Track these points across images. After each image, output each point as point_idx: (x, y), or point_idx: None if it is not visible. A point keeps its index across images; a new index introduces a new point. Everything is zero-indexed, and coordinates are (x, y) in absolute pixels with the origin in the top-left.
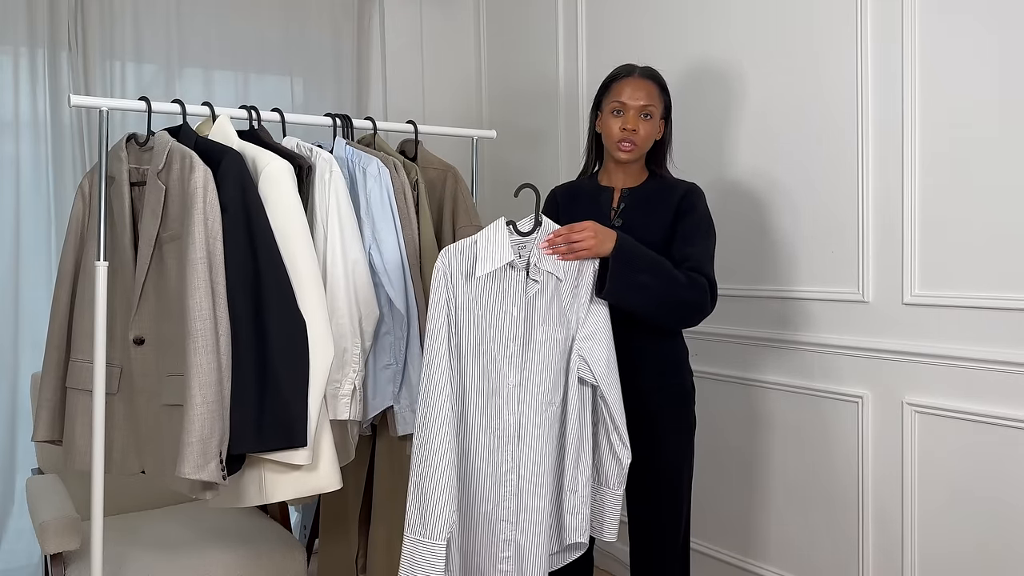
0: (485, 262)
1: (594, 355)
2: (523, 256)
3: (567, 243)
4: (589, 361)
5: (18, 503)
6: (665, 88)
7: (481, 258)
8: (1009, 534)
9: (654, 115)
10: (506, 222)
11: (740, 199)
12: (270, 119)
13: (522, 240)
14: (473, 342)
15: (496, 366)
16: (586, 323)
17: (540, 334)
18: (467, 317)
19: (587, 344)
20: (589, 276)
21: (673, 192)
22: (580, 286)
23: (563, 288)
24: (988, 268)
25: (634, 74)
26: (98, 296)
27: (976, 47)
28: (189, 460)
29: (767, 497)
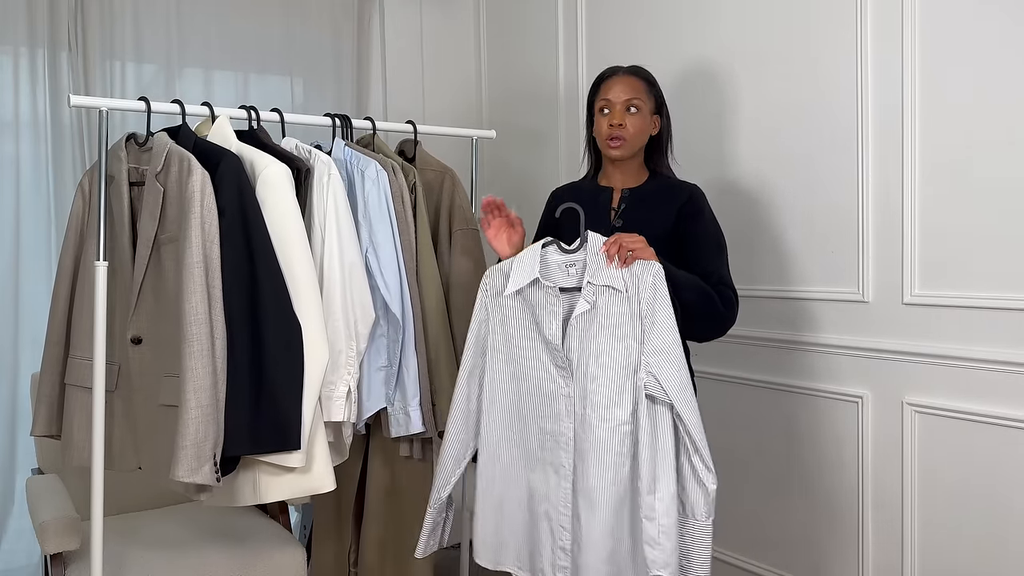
0: (514, 281)
1: (663, 371)
2: (573, 273)
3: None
4: (659, 377)
5: (18, 503)
6: (653, 83)
7: (513, 277)
8: (1009, 534)
9: (641, 108)
10: (550, 242)
11: (740, 199)
12: (269, 119)
13: (570, 258)
14: (522, 357)
15: (550, 378)
16: (652, 337)
17: (596, 348)
18: (510, 332)
19: (656, 359)
20: (650, 287)
21: (675, 193)
22: (641, 298)
23: (623, 300)
24: (988, 268)
25: (619, 72)
26: (98, 296)
27: (976, 47)
28: (183, 463)
29: (767, 497)
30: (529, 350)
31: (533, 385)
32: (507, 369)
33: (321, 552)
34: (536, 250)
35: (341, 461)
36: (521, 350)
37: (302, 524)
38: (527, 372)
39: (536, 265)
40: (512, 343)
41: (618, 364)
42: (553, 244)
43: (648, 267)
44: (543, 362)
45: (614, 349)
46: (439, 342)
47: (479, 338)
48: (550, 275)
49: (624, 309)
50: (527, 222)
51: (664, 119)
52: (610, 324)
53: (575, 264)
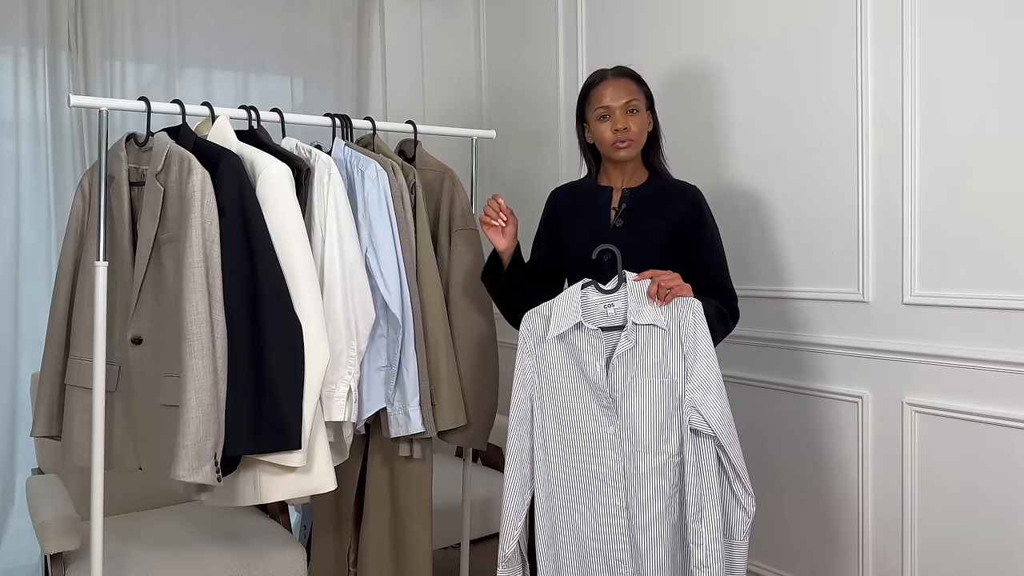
0: (556, 325)
1: (706, 405)
2: (612, 313)
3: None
4: (702, 411)
5: (18, 503)
6: (642, 81)
7: (554, 321)
8: (1009, 534)
9: (640, 108)
10: (588, 283)
11: (740, 199)
12: (269, 119)
13: (609, 298)
14: (563, 398)
15: (593, 418)
16: (695, 373)
17: (640, 386)
18: (551, 375)
19: (698, 395)
20: (691, 324)
21: (675, 194)
22: (683, 335)
23: (665, 337)
24: (988, 268)
25: (608, 76)
26: (98, 296)
27: (977, 47)
28: (184, 463)
29: (767, 497)
30: (573, 393)
31: (578, 428)
32: (553, 414)
33: (321, 552)
34: (575, 292)
35: (341, 461)
36: (565, 393)
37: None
38: (572, 416)
39: (578, 308)
40: (556, 387)
41: (662, 401)
42: (591, 285)
43: (687, 304)
44: (587, 404)
45: (657, 386)
46: (439, 342)
47: (525, 383)
48: (591, 316)
49: (665, 346)
50: (527, 222)
51: (655, 115)
52: (652, 362)
53: (613, 304)
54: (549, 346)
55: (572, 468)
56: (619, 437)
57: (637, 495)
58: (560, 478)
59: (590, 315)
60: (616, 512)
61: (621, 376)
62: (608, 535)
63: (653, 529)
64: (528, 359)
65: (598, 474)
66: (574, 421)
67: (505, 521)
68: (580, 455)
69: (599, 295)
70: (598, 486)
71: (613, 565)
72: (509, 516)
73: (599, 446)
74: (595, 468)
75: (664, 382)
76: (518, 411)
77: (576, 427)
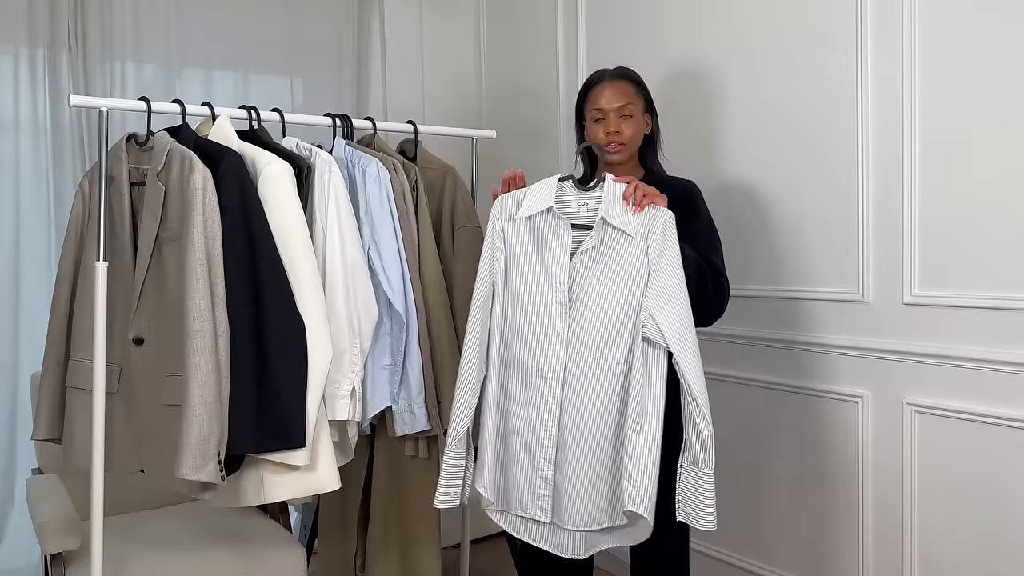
0: (527, 207)
1: (663, 313)
2: (585, 212)
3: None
4: (657, 319)
5: (18, 503)
6: (641, 83)
7: (526, 203)
8: (1009, 534)
9: (634, 113)
10: (567, 177)
11: (740, 199)
12: (270, 119)
13: (584, 195)
14: (519, 284)
15: (544, 310)
16: (657, 280)
17: (598, 287)
18: (513, 260)
19: (657, 302)
20: (659, 233)
21: (670, 189)
22: (650, 243)
23: (632, 244)
24: (988, 268)
25: (606, 78)
26: (98, 296)
27: (977, 46)
28: (187, 461)
29: (767, 497)
30: (531, 283)
31: (529, 319)
32: (510, 301)
33: (327, 553)
34: (553, 181)
35: (346, 461)
36: (524, 283)
37: (302, 524)
38: (526, 306)
39: (552, 195)
40: (516, 274)
41: (618, 305)
42: (570, 179)
43: (661, 215)
44: (542, 297)
45: (616, 290)
46: (443, 339)
47: (491, 267)
48: (564, 208)
49: (631, 252)
50: None
51: (654, 117)
52: (615, 265)
53: (587, 203)
54: (516, 229)
55: (519, 357)
56: (566, 334)
57: (573, 396)
58: (509, 365)
59: (563, 208)
60: (549, 409)
61: (581, 273)
62: (537, 431)
63: (583, 433)
64: (495, 241)
65: (539, 368)
66: (527, 311)
67: (458, 401)
68: (528, 346)
69: (575, 191)
70: (537, 380)
71: (536, 462)
72: (465, 397)
73: (546, 340)
74: (538, 361)
75: (622, 287)
76: (481, 293)
77: (528, 317)
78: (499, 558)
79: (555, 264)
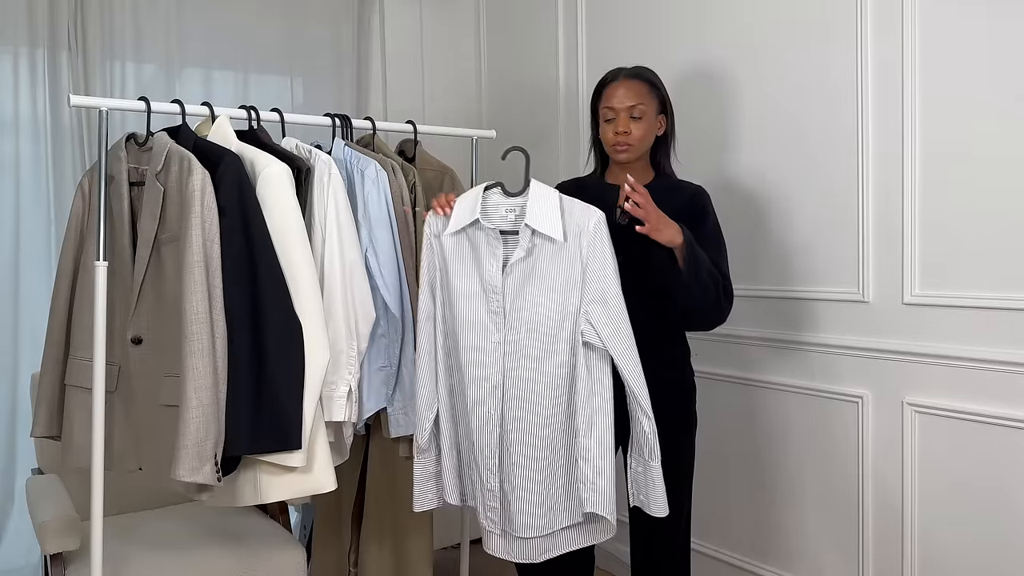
0: (453, 222)
1: (599, 316)
2: (512, 218)
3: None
4: (594, 323)
5: (18, 503)
6: (655, 84)
7: (453, 218)
8: (1009, 534)
9: (645, 114)
10: (493, 184)
11: (739, 199)
12: (269, 119)
13: (512, 202)
14: (456, 298)
15: (480, 323)
16: (591, 287)
17: (532, 296)
18: (450, 273)
19: (593, 308)
20: (591, 234)
21: (679, 193)
22: (583, 244)
23: (562, 249)
24: (988, 268)
25: (620, 77)
26: (97, 296)
27: (977, 45)
28: (184, 463)
29: (767, 497)
30: (465, 295)
31: (465, 331)
32: (448, 315)
33: (322, 553)
34: (478, 191)
35: (342, 461)
36: (458, 294)
37: (302, 524)
38: (463, 319)
39: (477, 206)
40: (452, 287)
41: (553, 313)
42: (497, 187)
43: (591, 213)
44: (477, 308)
45: (549, 298)
46: None
47: (431, 281)
48: (490, 217)
49: (562, 257)
50: None
51: (669, 119)
52: (546, 272)
53: (515, 210)
54: (450, 243)
55: (460, 371)
56: (502, 346)
57: (515, 407)
58: (453, 378)
59: (489, 216)
60: (489, 421)
61: (513, 284)
62: (480, 443)
63: (528, 443)
64: (432, 257)
65: (478, 380)
66: (464, 324)
67: (419, 415)
68: (466, 359)
69: (502, 197)
70: (477, 393)
71: (482, 473)
72: (422, 409)
73: (483, 352)
74: (477, 374)
75: (556, 294)
76: (424, 309)
77: (466, 330)
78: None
79: (487, 275)
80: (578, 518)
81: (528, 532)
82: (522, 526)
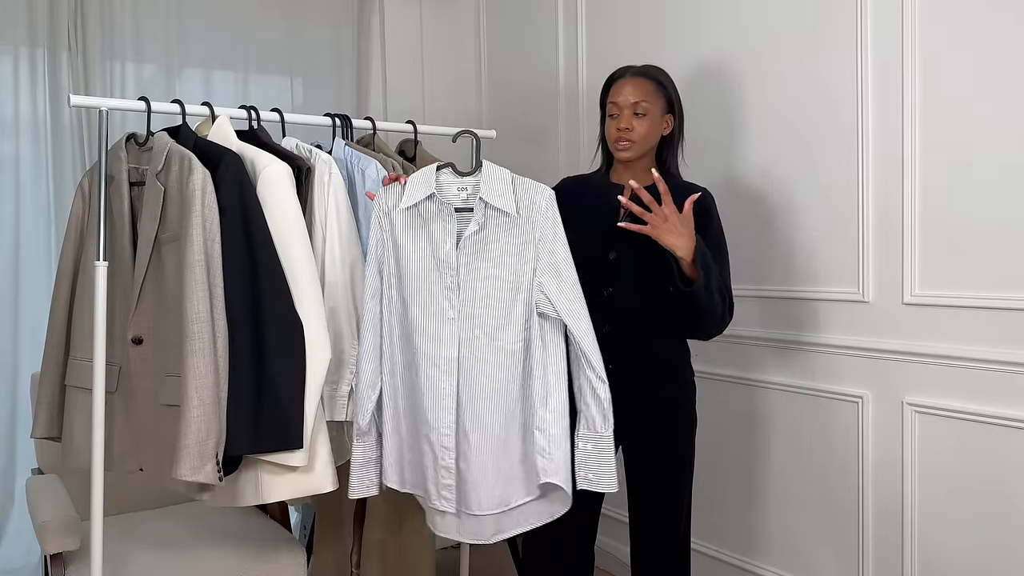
0: (408, 196)
1: (553, 287)
2: (465, 196)
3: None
4: (548, 293)
5: (18, 503)
6: (663, 83)
7: (407, 193)
8: (1009, 534)
9: (649, 112)
10: (444, 164)
11: (739, 199)
12: (270, 119)
13: (463, 181)
14: (409, 274)
15: (434, 298)
16: (543, 259)
17: (485, 270)
18: (401, 249)
19: (546, 278)
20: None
21: (683, 195)
22: (535, 219)
23: (514, 224)
24: (988, 268)
25: (627, 74)
26: (97, 296)
27: (978, 46)
28: (185, 462)
29: (767, 497)
30: (418, 270)
31: (418, 307)
32: (399, 291)
33: (323, 553)
34: (431, 170)
35: (344, 461)
36: (411, 269)
37: (302, 524)
38: (413, 293)
39: (432, 182)
40: (405, 263)
41: (506, 286)
42: (448, 167)
43: (541, 190)
44: (431, 283)
45: (502, 271)
46: None
47: (379, 258)
48: (445, 195)
49: (514, 231)
50: None
51: (677, 119)
52: (499, 246)
53: (467, 188)
54: (401, 219)
55: (412, 347)
56: (457, 320)
57: (470, 382)
58: (404, 356)
59: (444, 195)
60: (446, 396)
61: (467, 258)
62: (436, 420)
63: (483, 418)
64: (380, 232)
65: (433, 357)
66: (417, 300)
67: (359, 394)
68: (420, 335)
69: (454, 176)
70: (432, 369)
71: (437, 451)
72: (363, 390)
73: (439, 328)
74: (431, 350)
75: (509, 268)
76: (370, 286)
77: (419, 306)
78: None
79: (441, 250)
80: (534, 492)
81: (484, 509)
82: (478, 503)
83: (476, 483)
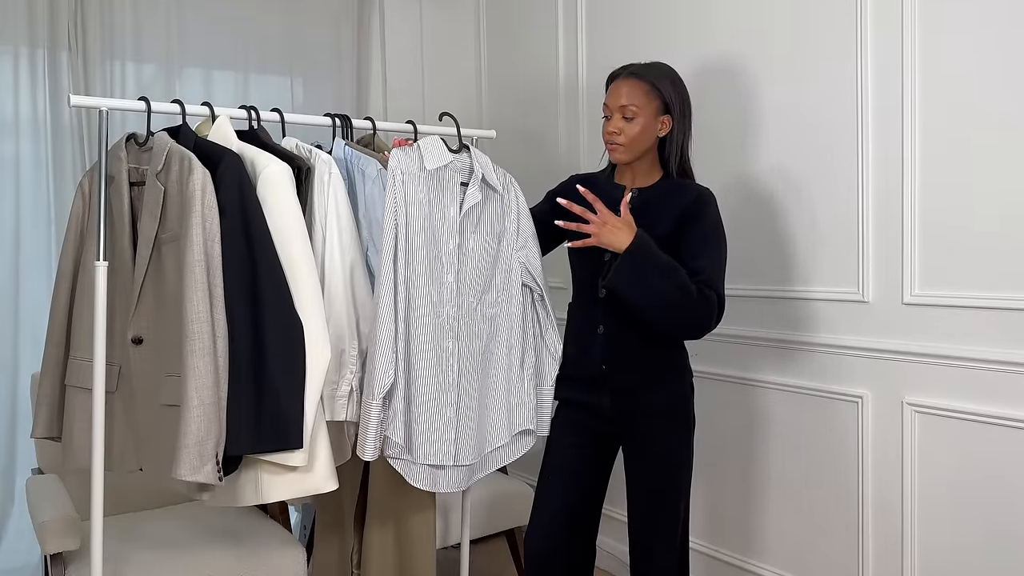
0: (431, 159)
1: (532, 261)
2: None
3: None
4: (529, 267)
5: (18, 503)
6: (656, 85)
7: (427, 157)
8: (1009, 534)
9: (638, 115)
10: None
11: (739, 199)
12: (270, 119)
13: (456, 157)
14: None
15: (439, 262)
16: (519, 233)
17: (473, 241)
18: (411, 214)
19: (524, 252)
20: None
21: (682, 193)
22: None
23: (499, 200)
24: (988, 268)
25: (622, 75)
26: (97, 296)
27: (977, 46)
28: (185, 462)
29: (767, 497)
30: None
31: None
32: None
33: (324, 553)
34: (439, 140)
35: (344, 461)
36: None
37: (302, 524)
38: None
39: (446, 152)
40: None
41: (489, 255)
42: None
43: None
44: (436, 251)
45: (490, 242)
46: None
47: (395, 220)
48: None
49: (499, 207)
50: None
51: (676, 118)
52: (490, 219)
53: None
54: (413, 183)
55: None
56: (456, 284)
57: (463, 341)
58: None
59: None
60: (449, 356)
61: (468, 227)
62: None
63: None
64: (398, 193)
65: (437, 318)
66: (424, 266)
67: (382, 356)
68: (426, 299)
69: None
70: (436, 330)
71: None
72: (386, 351)
73: (440, 290)
74: (436, 311)
75: (493, 240)
76: (388, 247)
77: (425, 271)
78: (499, 558)
79: (448, 218)
80: (506, 437)
81: (470, 458)
82: (466, 453)
83: (468, 434)
